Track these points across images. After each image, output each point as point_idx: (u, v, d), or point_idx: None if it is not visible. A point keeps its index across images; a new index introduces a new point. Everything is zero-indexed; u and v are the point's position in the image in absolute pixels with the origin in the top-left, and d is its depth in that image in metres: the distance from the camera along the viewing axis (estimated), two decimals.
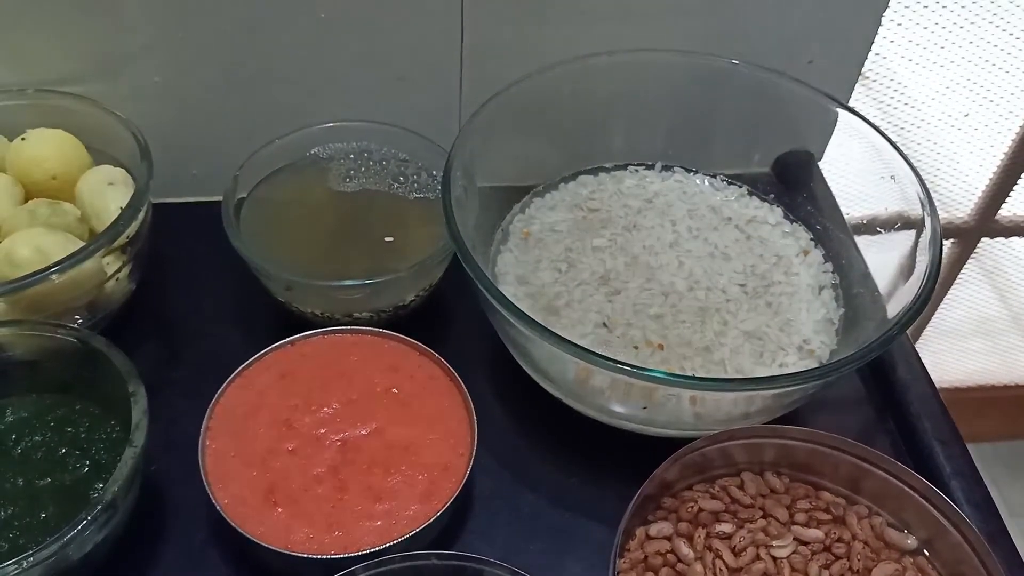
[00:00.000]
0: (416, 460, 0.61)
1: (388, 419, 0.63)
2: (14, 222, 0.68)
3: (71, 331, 0.62)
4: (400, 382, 0.66)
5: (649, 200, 0.78)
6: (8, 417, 0.63)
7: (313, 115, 0.78)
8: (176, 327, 0.77)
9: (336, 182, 0.77)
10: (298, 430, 0.63)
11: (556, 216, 0.77)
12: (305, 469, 0.61)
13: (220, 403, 0.64)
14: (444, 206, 0.65)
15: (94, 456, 0.61)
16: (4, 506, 0.58)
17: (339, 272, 0.68)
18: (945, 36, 1.27)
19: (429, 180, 0.77)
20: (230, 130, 0.81)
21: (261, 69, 0.78)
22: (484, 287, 0.61)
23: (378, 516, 0.59)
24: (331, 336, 0.68)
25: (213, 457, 0.61)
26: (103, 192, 0.70)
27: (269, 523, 0.58)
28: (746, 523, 0.62)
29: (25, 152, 0.72)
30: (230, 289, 0.79)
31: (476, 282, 0.61)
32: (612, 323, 0.68)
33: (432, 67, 0.79)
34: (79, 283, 0.65)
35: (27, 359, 0.63)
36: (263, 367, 0.66)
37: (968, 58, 1.30)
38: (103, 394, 0.63)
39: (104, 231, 0.65)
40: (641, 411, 0.61)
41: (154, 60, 0.76)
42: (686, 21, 0.80)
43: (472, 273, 0.62)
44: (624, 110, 0.78)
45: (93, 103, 0.74)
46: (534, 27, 0.77)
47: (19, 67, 0.75)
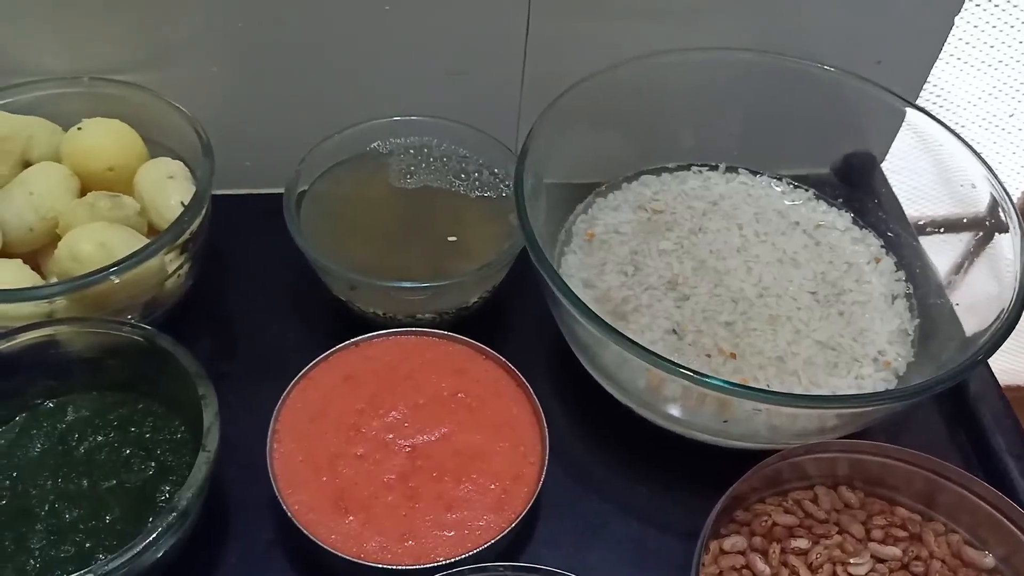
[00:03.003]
0: (486, 468, 0.60)
1: (457, 425, 0.62)
2: (73, 215, 0.66)
3: (137, 329, 0.60)
4: (467, 387, 0.64)
5: (714, 202, 0.76)
6: (69, 416, 0.62)
7: (371, 109, 0.76)
8: (231, 323, 0.75)
9: (396, 178, 0.75)
10: (365, 434, 0.61)
11: (620, 217, 0.75)
12: (374, 475, 0.59)
13: (286, 405, 0.62)
14: (518, 206, 0.63)
15: (159, 457, 0.60)
16: (69, 508, 0.57)
17: (402, 272, 0.67)
18: (994, 36, 1.24)
19: (491, 178, 0.75)
20: (286, 122, 0.79)
21: (320, 61, 0.76)
22: (560, 291, 0.59)
23: (450, 526, 0.58)
24: (395, 338, 0.67)
25: (281, 461, 0.60)
26: (163, 186, 0.69)
27: (340, 530, 0.57)
28: (821, 539, 0.61)
29: (82, 142, 0.70)
30: (285, 284, 0.78)
31: (551, 286, 0.60)
32: (682, 330, 0.67)
33: (494, 61, 0.77)
34: (142, 280, 0.64)
35: (88, 356, 0.62)
36: (327, 368, 0.65)
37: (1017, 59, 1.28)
38: (167, 393, 0.62)
39: (168, 228, 0.64)
40: (721, 424, 0.60)
41: (212, 49, 0.74)
42: (751, 19, 0.78)
43: (547, 277, 0.60)
44: (693, 108, 0.76)
45: (150, 92, 0.73)
46: (600, 22, 0.75)
47: (73, 55, 0.74)
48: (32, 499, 0.57)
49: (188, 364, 0.59)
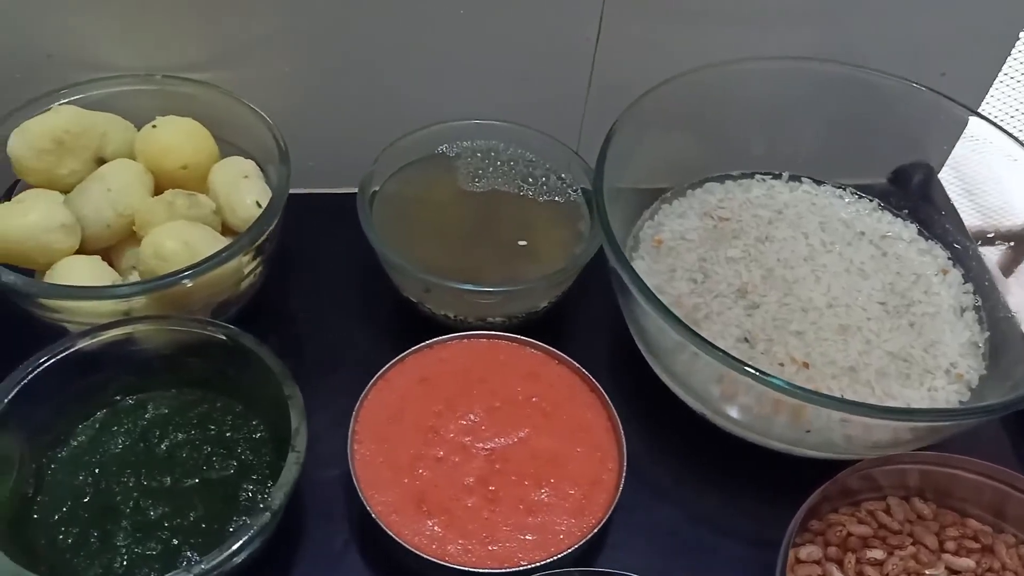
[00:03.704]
0: (564, 473, 0.61)
1: (533, 429, 0.63)
2: (151, 212, 0.66)
3: (220, 328, 0.61)
4: (541, 391, 0.65)
5: (779, 211, 0.77)
6: (149, 412, 0.62)
7: (438, 112, 0.76)
8: (297, 323, 0.76)
9: (465, 181, 0.75)
10: (443, 437, 0.62)
11: (686, 224, 0.75)
12: (454, 478, 0.60)
13: (364, 406, 0.63)
14: (599, 210, 0.64)
15: (239, 456, 0.61)
16: (153, 506, 0.58)
17: (473, 275, 0.67)
18: None
19: (558, 183, 0.76)
20: (352, 124, 0.80)
21: (390, 63, 0.76)
22: (644, 296, 0.60)
23: (531, 530, 0.58)
24: (468, 341, 0.67)
25: (362, 462, 0.60)
26: (238, 185, 0.69)
27: (423, 532, 0.57)
28: (896, 550, 0.61)
29: (156, 140, 0.70)
30: (349, 284, 0.78)
31: (632, 289, 0.60)
32: (754, 338, 0.67)
33: (562, 66, 0.78)
34: (222, 280, 0.64)
35: (168, 354, 0.62)
36: (403, 370, 0.65)
37: None
38: (246, 392, 0.62)
39: (249, 229, 0.64)
40: (803, 434, 0.60)
41: (286, 49, 0.75)
42: (818, 29, 0.78)
43: (629, 281, 0.61)
44: (761, 116, 0.76)
45: (222, 91, 0.73)
46: (670, 29, 0.76)
47: (146, 52, 0.74)
48: (116, 496, 0.58)
49: (273, 364, 0.59)
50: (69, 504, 0.57)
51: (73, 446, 0.60)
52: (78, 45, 0.72)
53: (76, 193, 0.68)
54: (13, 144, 0.67)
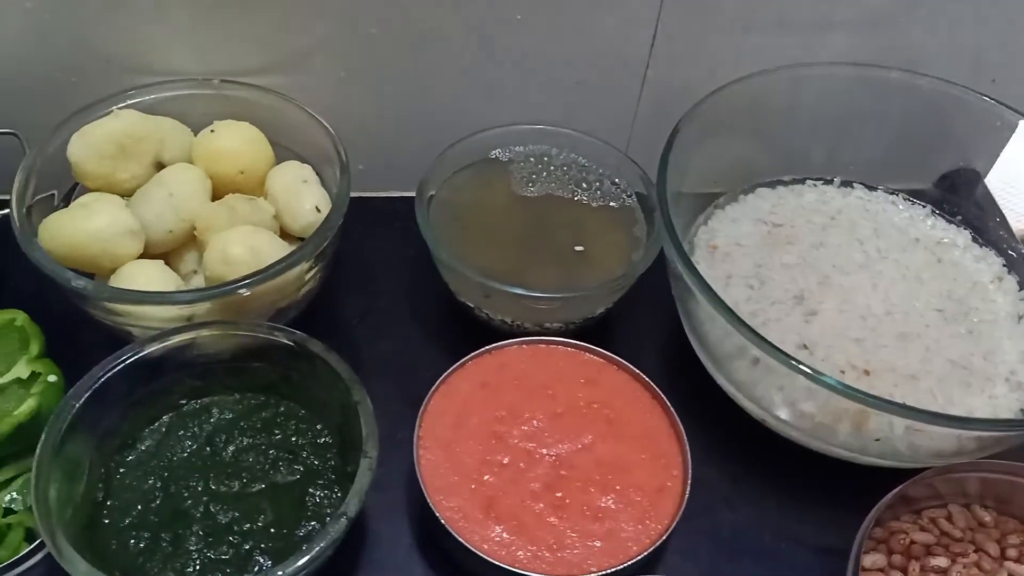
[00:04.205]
0: (629, 480, 0.61)
1: (597, 436, 0.63)
2: (213, 218, 0.66)
3: (287, 334, 0.61)
4: (602, 397, 0.65)
5: (832, 217, 0.77)
6: (214, 417, 0.63)
7: (490, 117, 0.76)
8: (353, 328, 0.76)
9: (519, 186, 0.75)
10: (507, 443, 0.62)
11: (741, 230, 0.75)
12: (521, 484, 0.60)
13: (427, 411, 0.63)
14: (663, 215, 0.64)
15: (304, 461, 0.61)
16: (223, 511, 0.58)
17: (531, 280, 0.67)
18: None
19: (612, 188, 0.76)
20: (404, 127, 0.80)
21: (443, 68, 0.76)
22: (711, 300, 0.60)
23: (598, 536, 0.58)
24: (529, 346, 0.67)
25: (428, 467, 0.60)
26: (297, 190, 0.69)
27: (491, 539, 0.57)
28: (959, 557, 0.61)
29: (215, 144, 0.70)
30: (403, 288, 0.79)
31: (700, 294, 0.61)
32: (813, 345, 0.67)
33: (616, 72, 0.78)
34: (285, 286, 0.64)
35: (233, 359, 0.62)
36: (464, 375, 0.65)
37: None
38: (310, 397, 0.63)
39: (314, 235, 0.64)
40: (873, 442, 0.60)
41: (342, 54, 0.75)
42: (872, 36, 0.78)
43: (697, 286, 0.61)
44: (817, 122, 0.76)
45: (280, 96, 0.73)
46: (725, 35, 0.76)
47: (203, 57, 0.74)
48: (186, 500, 0.58)
49: (341, 370, 0.59)
50: (139, 509, 0.58)
51: (140, 450, 0.60)
52: (136, 49, 0.72)
53: (138, 198, 0.68)
54: (74, 148, 0.67)
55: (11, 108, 0.72)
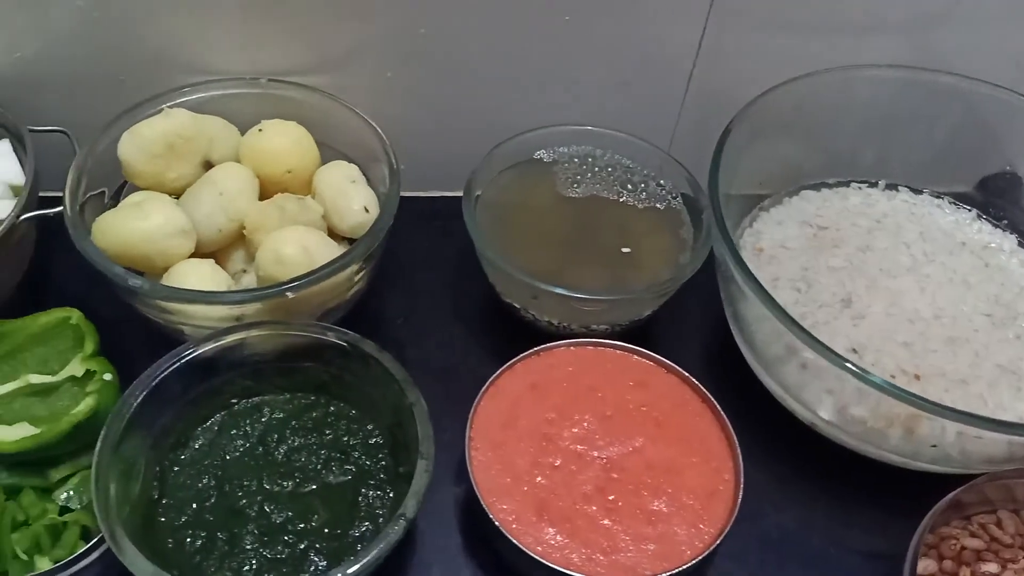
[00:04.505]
0: (681, 483, 0.61)
1: (647, 438, 0.63)
2: (263, 217, 0.67)
3: (340, 334, 0.61)
4: (651, 400, 0.65)
5: (878, 220, 0.76)
6: (265, 416, 0.63)
7: (534, 118, 0.76)
8: (397, 328, 0.76)
9: (563, 187, 0.75)
10: (558, 445, 0.62)
11: (786, 232, 0.75)
12: (572, 487, 0.60)
13: (477, 412, 0.63)
14: (716, 217, 0.64)
15: (356, 461, 0.61)
16: (279, 510, 0.58)
17: (577, 282, 0.67)
18: None
19: (657, 189, 0.75)
20: (448, 127, 0.80)
21: (489, 69, 0.76)
22: (763, 300, 0.60)
23: (652, 540, 0.58)
24: (577, 348, 0.67)
25: (480, 468, 0.60)
26: (346, 190, 0.69)
27: (545, 541, 0.57)
28: (1009, 563, 0.61)
29: (263, 144, 0.71)
30: (446, 288, 0.79)
31: (753, 295, 0.60)
32: (862, 349, 0.67)
33: (661, 73, 0.77)
34: (337, 286, 0.65)
35: (284, 358, 0.63)
36: (513, 376, 0.65)
37: None
38: (362, 397, 0.63)
39: (365, 235, 0.65)
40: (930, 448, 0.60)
41: (390, 54, 0.75)
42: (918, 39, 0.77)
43: (749, 286, 0.61)
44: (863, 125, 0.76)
45: (327, 95, 0.73)
46: (772, 36, 0.75)
47: (250, 56, 0.74)
48: (240, 500, 0.58)
49: (395, 370, 0.59)
50: (194, 507, 0.58)
51: (194, 449, 0.61)
52: (184, 48, 0.73)
53: (188, 197, 0.68)
54: (124, 147, 0.67)
55: (60, 106, 0.72)
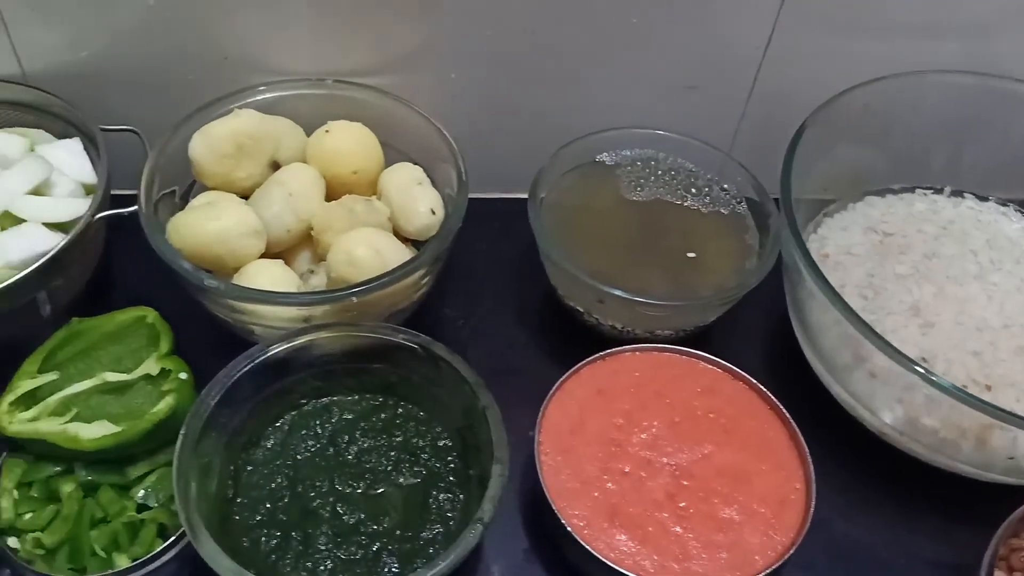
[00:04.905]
0: (751, 491, 0.60)
1: (716, 446, 0.62)
2: (331, 218, 0.67)
3: (411, 336, 0.61)
4: (719, 406, 0.65)
5: (944, 227, 0.76)
6: (335, 416, 0.63)
7: (596, 119, 0.76)
8: (458, 330, 0.76)
9: (627, 190, 0.75)
10: (627, 450, 0.62)
11: (851, 238, 0.75)
12: (643, 493, 0.60)
13: (546, 416, 0.63)
14: (789, 221, 0.64)
15: (425, 463, 0.61)
16: (351, 511, 0.58)
17: (642, 286, 0.67)
18: None
19: (721, 194, 0.75)
20: (510, 129, 0.80)
21: (555, 71, 0.76)
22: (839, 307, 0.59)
23: (723, 548, 0.58)
24: (643, 353, 0.67)
25: (550, 473, 0.60)
26: (412, 192, 0.69)
27: (617, 547, 0.57)
28: None
29: (329, 145, 0.71)
30: (506, 290, 0.79)
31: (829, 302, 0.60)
32: (932, 358, 0.66)
33: (726, 75, 0.77)
34: (406, 288, 0.65)
35: (353, 359, 0.63)
36: (579, 381, 0.65)
37: None
38: (431, 400, 0.63)
39: (435, 238, 0.65)
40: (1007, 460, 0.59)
41: (455, 56, 0.75)
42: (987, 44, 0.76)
43: (825, 294, 0.60)
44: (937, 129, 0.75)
45: (392, 96, 0.73)
46: (840, 40, 0.74)
47: (315, 56, 0.74)
48: (313, 500, 0.59)
49: (467, 373, 0.60)
50: (267, 507, 0.58)
51: (266, 448, 0.61)
52: (253, 48, 0.73)
53: (257, 197, 0.68)
54: (195, 147, 0.68)
55: (130, 104, 0.73)
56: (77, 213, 0.64)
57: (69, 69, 0.73)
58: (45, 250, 0.61)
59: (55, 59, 0.72)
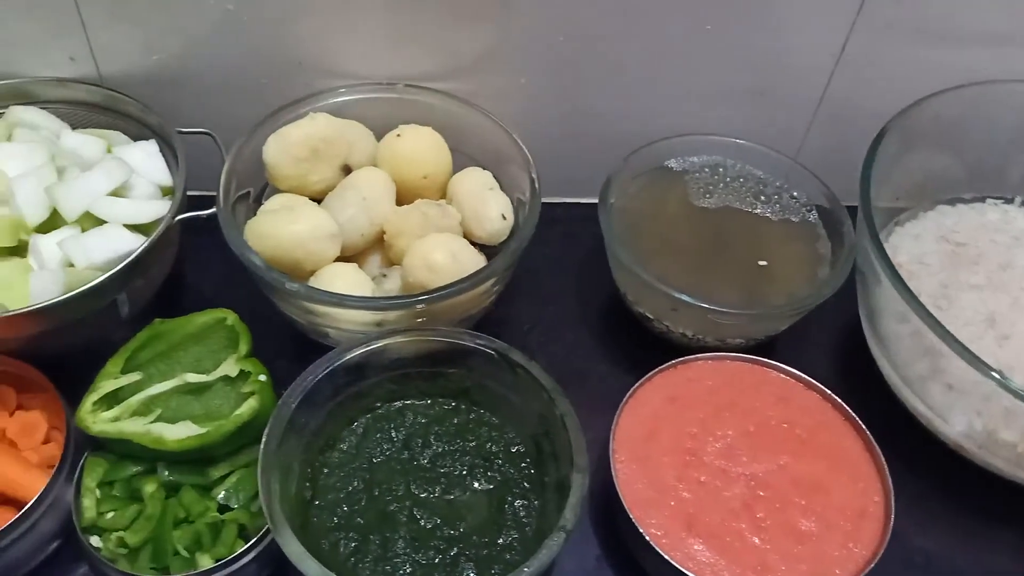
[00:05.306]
0: (828, 502, 0.60)
1: (791, 456, 0.62)
2: (405, 223, 0.67)
3: (488, 341, 0.61)
4: (793, 416, 0.64)
5: (1016, 237, 0.74)
6: (408, 421, 0.63)
7: (664, 125, 0.76)
8: (525, 335, 0.76)
9: (696, 197, 0.75)
10: (702, 460, 0.61)
11: (923, 247, 0.74)
12: (719, 503, 0.59)
13: (619, 424, 0.63)
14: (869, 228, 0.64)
15: (499, 469, 0.61)
16: (428, 516, 0.58)
17: (713, 294, 0.66)
18: None
19: (791, 202, 0.75)
20: (578, 134, 0.80)
21: (624, 77, 0.76)
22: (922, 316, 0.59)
23: (803, 560, 0.57)
24: (715, 362, 0.67)
25: (625, 481, 0.60)
26: (484, 197, 0.69)
27: (694, 557, 0.57)
28: None
29: (401, 149, 0.71)
30: (571, 295, 0.79)
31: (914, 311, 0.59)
32: (1009, 371, 0.65)
33: (797, 82, 0.76)
34: (481, 293, 0.65)
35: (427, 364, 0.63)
36: (652, 389, 0.65)
37: None
38: (504, 405, 0.63)
39: (511, 243, 0.65)
40: None
41: (526, 60, 0.75)
42: None
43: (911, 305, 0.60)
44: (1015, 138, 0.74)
45: (462, 101, 0.74)
46: (914, 48, 0.74)
47: (386, 61, 0.75)
48: (390, 504, 0.59)
49: (544, 380, 0.59)
50: (344, 510, 0.58)
51: (341, 451, 0.61)
52: (326, 52, 0.73)
53: (331, 201, 0.69)
54: (270, 150, 0.68)
55: (205, 107, 0.74)
56: (158, 215, 0.65)
57: (144, 71, 0.74)
58: (127, 251, 0.62)
59: (130, 62, 0.73)
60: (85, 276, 0.61)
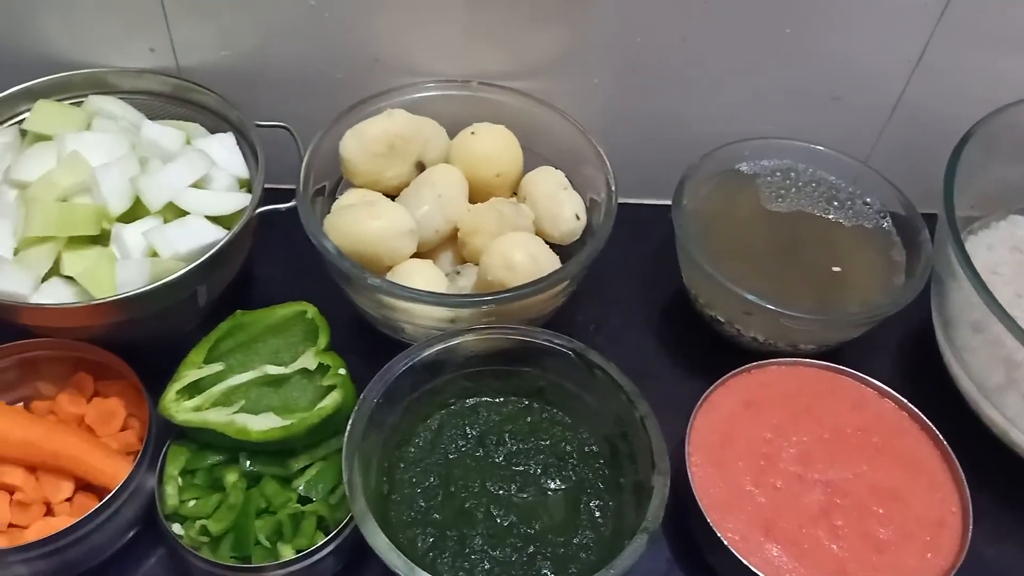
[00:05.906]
0: (907, 512, 0.59)
1: (868, 464, 0.62)
2: (480, 220, 0.67)
3: (567, 341, 0.61)
4: (869, 424, 0.64)
5: None
6: (482, 418, 0.63)
7: (737, 128, 0.75)
8: (591, 336, 0.76)
9: (768, 201, 0.74)
10: (777, 465, 0.61)
11: (996, 257, 0.73)
12: (797, 509, 0.59)
13: (694, 428, 0.63)
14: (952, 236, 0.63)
15: (573, 468, 0.61)
16: (504, 513, 0.59)
17: (786, 299, 0.66)
18: None
19: (864, 208, 0.74)
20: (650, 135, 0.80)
21: (698, 79, 0.76)
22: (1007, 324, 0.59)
23: (881, 569, 0.57)
24: (789, 367, 0.66)
25: (701, 485, 0.60)
26: (558, 197, 0.70)
27: (771, 562, 0.57)
28: None
29: (475, 147, 0.71)
30: (637, 296, 0.79)
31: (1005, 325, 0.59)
32: None
33: (873, 87, 0.76)
34: (556, 295, 0.65)
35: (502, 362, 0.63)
36: (726, 393, 0.65)
37: None
38: (579, 405, 0.63)
39: (588, 244, 0.65)
40: None
41: (601, 61, 0.75)
42: None
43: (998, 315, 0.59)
44: None
45: (536, 100, 0.74)
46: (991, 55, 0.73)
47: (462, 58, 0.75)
48: (466, 501, 0.59)
49: (623, 382, 0.60)
50: (421, 505, 0.59)
51: (417, 446, 0.62)
52: (402, 49, 0.74)
53: (406, 197, 0.69)
54: (347, 145, 0.69)
55: (282, 101, 0.74)
56: (240, 206, 0.65)
57: (222, 65, 0.74)
58: (209, 243, 0.63)
59: (209, 55, 0.74)
60: (169, 266, 0.61)
